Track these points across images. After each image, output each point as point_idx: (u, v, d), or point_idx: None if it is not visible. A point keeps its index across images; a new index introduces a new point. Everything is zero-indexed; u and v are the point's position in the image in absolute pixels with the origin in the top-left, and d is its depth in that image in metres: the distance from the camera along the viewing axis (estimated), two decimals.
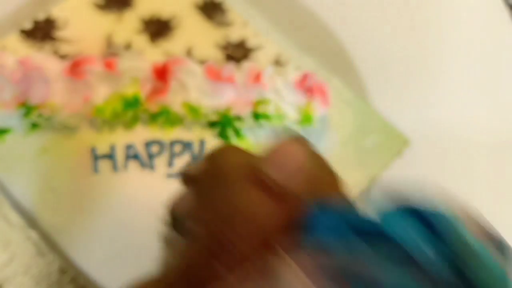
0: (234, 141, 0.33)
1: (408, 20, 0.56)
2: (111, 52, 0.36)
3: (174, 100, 0.33)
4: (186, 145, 0.33)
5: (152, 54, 0.36)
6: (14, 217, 0.35)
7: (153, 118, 0.33)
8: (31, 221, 0.34)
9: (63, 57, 0.36)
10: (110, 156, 0.32)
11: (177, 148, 0.33)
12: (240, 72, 0.33)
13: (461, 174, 0.47)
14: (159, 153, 0.33)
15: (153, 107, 0.32)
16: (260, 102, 0.33)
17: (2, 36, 0.37)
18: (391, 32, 0.55)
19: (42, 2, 0.46)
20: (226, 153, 0.13)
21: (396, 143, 0.39)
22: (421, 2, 0.58)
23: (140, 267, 0.14)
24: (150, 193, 0.31)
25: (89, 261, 0.31)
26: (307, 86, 0.34)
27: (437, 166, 0.48)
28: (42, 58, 0.33)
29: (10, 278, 0.33)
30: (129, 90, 0.32)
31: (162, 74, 0.32)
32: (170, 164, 0.33)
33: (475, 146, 0.49)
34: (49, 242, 0.34)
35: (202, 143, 0.33)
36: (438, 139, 0.49)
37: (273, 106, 0.33)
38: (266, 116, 0.33)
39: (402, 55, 0.54)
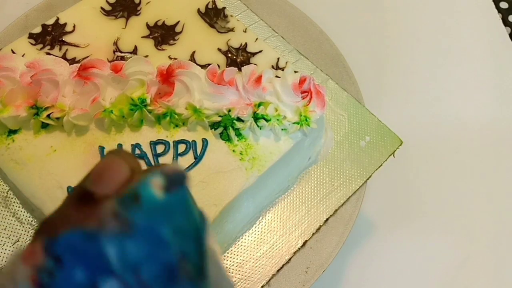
0: (235, 141, 0.34)
1: (401, 25, 0.58)
2: (118, 56, 0.37)
3: (178, 102, 0.33)
4: (190, 145, 0.34)
5: (157, 58, 0.37)
6: (24, 214, 0.36)
7: (158, 119, 0.34)
8: (40, 218, 0.35)
9: (71, 60, 0.37)
10: None
11: (181, 147, 0.33)
12: (241, 76, 0.34)
13: (453, 173, 0.49)
14: (164, 152, 0.33)
15: (159, 108, 0.33)
16: (260, 104, 0.34)
17: (12, 40, 0.38)
18: (385, 37, 0.57)
19: (50, 7, 0.47)
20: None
21: (390, 143, 0.40)
22: (415, 7, 0.59)
23: None
24: None
25: None
26: (304, 89, 0.34)
27: (430, 166, 0.49)
28: (51, 61, 0.34)
29: None
30: (136, 93, 0.33)
31: (167, 77, 0.33)
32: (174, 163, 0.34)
33: (467, 146, 0.50)
34: None
35: (205, 143, 0.34)
36: (430, 140, 0.50)
37: (273, 108, 0.34)
38: (265, 118, 0.33)
39: (396, 59, 0.55)
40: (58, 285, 0.13)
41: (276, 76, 0.35)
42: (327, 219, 0.38)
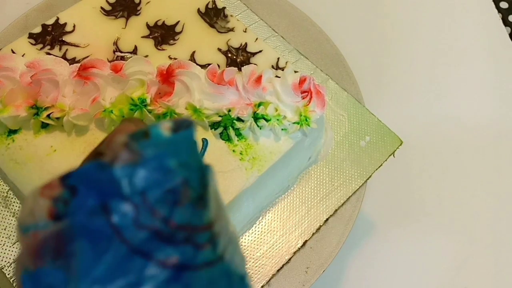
0: (235, 141, 0.34)
1: (401, 25, 0.58)
2: (118, 56, 0.38)
3: (178, 102, 0.33)
4: None
5: (157, 58, 0.37)
6: None
7: (159, 119, 0.34)
8: None
9: (71, 60, 0.37)
10: None
11: None
12: (241, 76, 0.34)
13: (453, 173, 0.49)
14: None
15: (159, 108, 0.33)
16: (260, 104, 0.34)
17: (12, 40, 0.38)
18: (385, 37, 0.57)
19: (50, 7, 0.47)
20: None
21: (390, 143, 0.40)
22: (415, 7, 0.60)
23: None
24: None
25: None
26: (304, 89, 0.34)
27: (430, 166, 0.49)
28: (51, 61, 0.34)
29: None
30: (136, 93, 0.33)
31: (167, 77, 0.33)
32: None
33: (467, 146, 0.50)
34: None
35: (205, 143, 0.34)
36: (430, 140, 0.50)
37: (273, 108, 0.34)
38: (265, 118, 0.33)
39: (396, 59, 0.55)
40: (72, 211, 0.15)
41: (276, 76, 0.35)
42: (327, 219, 0.38)
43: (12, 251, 0.34)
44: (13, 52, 0.37)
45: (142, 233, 0.14)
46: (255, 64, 0.38)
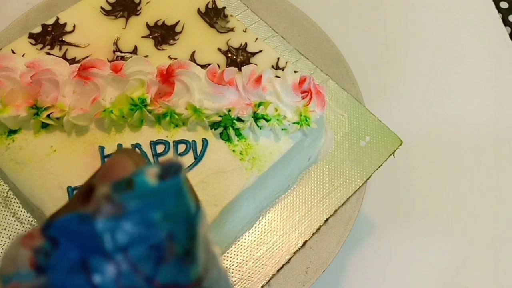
0: (235, 141, 0.34)
1: (401, 25, 0.58)
2: (118, 56, 0.38)
3: (178, 102, 0.33)
4: (190, 145, 0.34)
5: (157, 58, 0.37)
6: (24, 214, 0.36)
7: (159, 119, 0.34)
8: (40, 218, 0.35)
9: (71, 60, 0.37)
10: None
11: (181, 147, 0.34)
12: (241, 76, 0.34)
13: (453, 173, 0.49)
14: (164, 152, 0.33)
15: (159, 108, 0.33)
16: (260, 104, 0.34)
17: (12, 40, 0.38)
18: (385, 37, 0.57)
19: (50, 7, 0.47)
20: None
21: (390, 143, 0.40)
22: (415, 7, 0.60)
23: None
24: None
25: None
26: (304, 89, 0.34)
27: (430, 166, 0.49)
28: (51, 61, 0.34)
29: None
30: (136, 93, 0.33)
31: (167, 77, 0.33)
32: None
33: (467, 146, 0.50)
34: None
35: (205, 143, 0.34)
36: (431, 140, 0.50)
37: (273, 107, 0.34)
38: (265, 118, 0.33)
39: (396, 59, 0.55)
40: (53, 264, 0.14)
41: (276, 76, 0.35)
42: (327, 219, 0.38)
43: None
44: (13, 52, 0.37)
45: None
46: (255, 64, 0.38)
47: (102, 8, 0.40)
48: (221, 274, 0.16)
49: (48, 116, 0.33)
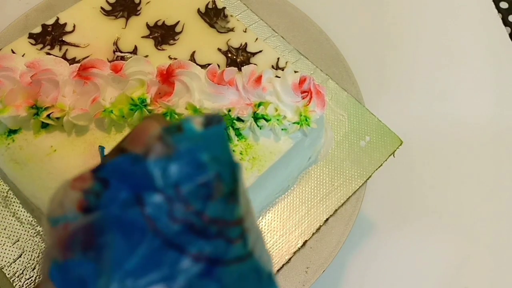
0: (235, 141, 0.34)
1: (401, 25, 0.58)
2: (118, 56, 0.38)
3: (178, 102, 0.33)
4: None
5: (157, 58, 0.37)
6: (24, 214, 0.36)
7: None
8: (40, 218, 0.35)
9: (71, 60, 0.37)
10: None
11: None
12: (241, 76, 0.34)
13: (453, 173, 0.49)
14: None
15: (159, 108, 0.33)
16: (260, 104, 0.34)
17: (12, 40, 0.38)
18: (385, 37, 0.57)
19: (50, 7, 0.47)
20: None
21: (390, 143, 0.40)
22: (415, 7, 0.60)
23: None
24: None
25: None
26: (304, 89, 0.34)
27: (430, 166, 0.49)
28: (51, 61, 0.34)
29: (18, 273, 0.34)
30: (136, 93, 0.33)
31: (167, 77, 0.33)
32: None
33: (467, 146, 0.50)
34: None
35: None
36: (431, 140, 0.50)
37: (273, 107, 0.34)
38: (265, 118, 0.33)
39: (396, 59, 0.55)
40: (104, 203, 0.15)
41: (276, 76, 0.35)
42: (327, 219, 0.38)
43: (12, 251, 0.34)
44: (13, 52, 0.37)
45: (176, 226, 0.14)
46: (255, 64, 0.38)
47: (102, 8, 0.40)
48: (255, 221, 0.17)
49: (48, 116, 0.33)
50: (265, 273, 0.16)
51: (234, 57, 0.38)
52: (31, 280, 0.34)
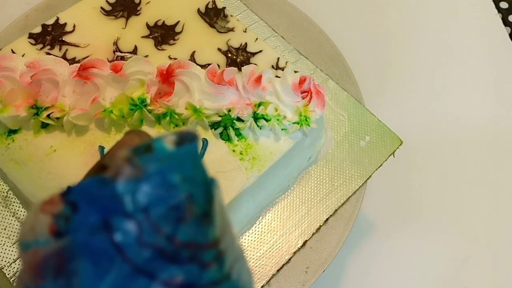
0: (235, 141, 0.34)
1: (401, 25, 0.58)
2: (118, 56, 0.38)
3: (178, 102, 0.33)
4: None
5: (157, 58, 0.37)
6: (24, 214, 0.36)
7: (158, 119, 0.34)
8: None
9: (71, 60, 0.37)
10: None
11: None
12: (241, 76, 0.34)
13: (453, 173, 0.49)
14: None
15: (158, 108, 0.33)
16: (260, 104, 0.34)
17: (12, 40, 0.38)
18: (385, 37, 0.57)
19: (50, 7, 0.47)
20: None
21: (390, 143, 0.40)
22: (415, 7, 0.60)
23: None
24: None
25: None
26: (304, 89, 0.34)
27: (430, 166, 0.49)
28: (51, 61, 0.34)
29: (18, 273, 0.34)
30: (136, 93, 0.33)
31: (167, 77, 0.33)
32: None
33: (467, 146, 0.50)
34: None
35: (205, 143, 0.34)
36: (431, 140, 0.50)
37: (273, 107, 0.34)
38: (265, 118, 0.33)
39: (396, 59, 0.55)
40: (73, 228, 0.14)
41: (276, 76, 0.35)
42: (327, 219, 0.38)
43: (12, 251, 0.34)
44: (13, 52, 0.37)
45: (146, 251, 0.14)
46: (255, 64, 0.38)
47: (102, 8, 0.40)
48: (234, 240, 0.17)
49: (48, 116, 0.33)
50: None
51: (234, 57, 0.38)
52: None
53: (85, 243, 0.14)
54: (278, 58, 0.38)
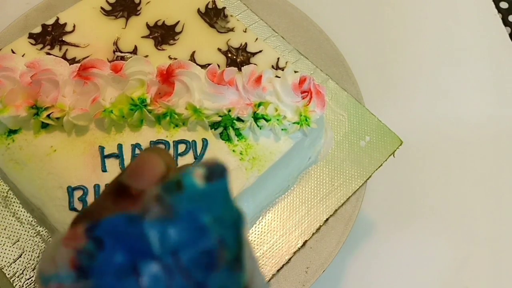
0: (235, 141, 0.34)
1: (401, 25, 0.58)
2: (118, 56, 0.38)
3: (178, 102, 0.33)
4: (190, 145, 0.34)
5: (157, 58, 0.37)
6: (24, 214, 0.36)
7: (158, 119, 0.34)
8: (40, 218, 0.35)
9: (71, 60, 0.37)
10: (118, 155, 0.33)
11: (181, 147, 0.34)
12: (241, 76, 0.34)
13: (453, 173, 0.49)
14: None
15: (159, 108, 0.33)
16: (260, 104, 0.34)
17: (12, 40, 0.38)
18: (385, 37, 0.57)
19: (50, 7, 0.47)
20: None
21: (390, 143, 0.40)
22: (414, 8, 0.60)
23: None
24: None
25: None
26: (304, 89, 0.34)
27: (430, 166, 0.49)
28: (51, 61, 0.34)
29: (18, 273, 0.34)
30: (136, 93, 0.33)
31: (167, 77, 0.33)
32: None
33: (467, 146, 0.50)
34: None
35: (205, 143, 0.34)
36: (431, 140, 0.50)
37: (273, 108, 0.34)
38: (265, 118, 0.33)
39: (396, 59, 0.55)
40: (97, 266, 0.14)
41: (276, 76, 0.35)
42: (327, 219, 0.38)
43: (12, 251, 0.34)
44: (13, 52, 0.37)
45: None
46: (255, 64, 0.38)
47: (102, 8, 0.40)
48: (264, 281, 0.16)
49: (48, 116, 0.33)
50: None
51: (234, 57, 0.38)
52: (31, 280, 0.34)
53: (112, 287, 0.13)
54: (278, 58, 0.38)
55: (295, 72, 0.36)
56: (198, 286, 0.14)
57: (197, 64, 0.36)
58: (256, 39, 0.39)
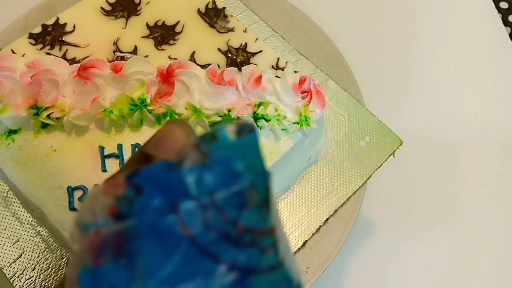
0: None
1: (401, 25, 0.58)
2: (118, 56, 0.38)
3: (178, 102, 0.33)
4: None
5: (157, 58, 0.37)
6: (24, 214, 0.36)
7: (159, 119, 0.34)
8: (40, 218, 0.35)
9: (71, 60, 0.37)
10: (118, 155, 0.33)
11: None
12: (241, 76, 0.34)
13: (453, 173, 0.49)
14: None
15: (159, 108, 0.33)
16: (260, 104, 0.34)
17: (12, 40, 0.38)
18: (385, 37, 0.57)
19: (50, 7, 0.47)
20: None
21: (390, 143, 0.40)
22: (414, 8, 0.60)
23: None
24: None
25: None
26: (304, 89, 0.34)
27: (430, 166, 0.49)
28: (51, 61, 0.34)
29: (18, 273, 0.34)
30: (136, 93, 0.33)
31: (167, 77, 0.33)
32: None
33: (467, 146, 0.50)
34: (58, 238, 0.35)
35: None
36: (430, 140, 0.50)
37: (273, 108, 0.34)
38: (265, 118, 0.33)
39: (396, 59, 0.55)
40: (136, 210, 0.15)
41: (276, 76, 0.35)
42: (327, 219, 0.38)
43: (12, 251, 0.34)
44: (13, 52, 0.37)
45: (211, 234, 0.14)
46: (255, 64, 0.38)
47: (102, 8, 0.40)
48: (283, 230, 0.17)
49: (48, 116, 0.33)
50: (295, 283, 0.16)
51: (234, 57, 0.38)
52: (31, 280, 0.34)
53: (152, 223, 0.14)
54: (278, 58, 0.38)
55: (295, 72, 0.36)
56: (231, 222, 0.15)
57: (197, 64, 0.36)
58: (256, 39, 0.39)
